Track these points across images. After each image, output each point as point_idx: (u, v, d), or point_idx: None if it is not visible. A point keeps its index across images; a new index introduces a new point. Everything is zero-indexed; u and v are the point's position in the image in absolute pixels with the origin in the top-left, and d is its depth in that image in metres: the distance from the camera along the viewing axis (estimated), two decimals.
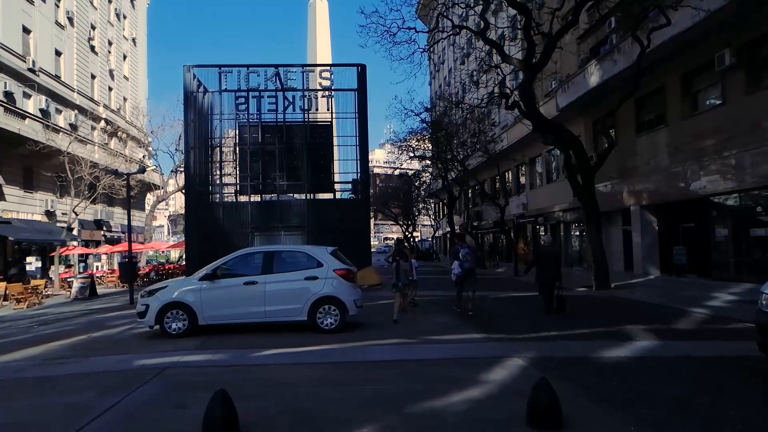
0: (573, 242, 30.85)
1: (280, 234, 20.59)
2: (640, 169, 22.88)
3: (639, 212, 23.14)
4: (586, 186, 19.22)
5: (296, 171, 21.30)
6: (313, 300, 10.24)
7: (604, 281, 18.89)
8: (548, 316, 12.44)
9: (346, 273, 10.46)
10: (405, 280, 12.02)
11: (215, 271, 10.35)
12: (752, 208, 17.39)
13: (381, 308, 14.19)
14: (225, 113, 21.69)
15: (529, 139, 31.84)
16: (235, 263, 10.70)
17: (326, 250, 10.73)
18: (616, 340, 9.32)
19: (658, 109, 21.89)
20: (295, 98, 22.00)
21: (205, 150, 21.15)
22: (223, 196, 21.51)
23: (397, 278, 11.94)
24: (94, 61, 34.88)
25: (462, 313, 12.79)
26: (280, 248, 11.35)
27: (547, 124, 19.55)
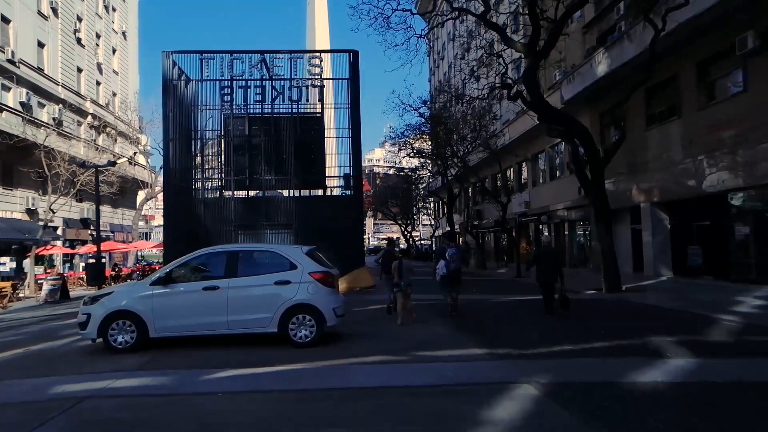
0: (578, 242, 29.18)
1: (266, 232, 18.96)
2: (651, 164, 21.26)
3: (649, 210, 21.53)
4: (595, 180, 17.58)
5: (284, 166, 19.67)
6: (285, 308, 8.61)
7: (615, 284, 17.25)
8: (548, 315, 11.99)
9: (323, 276, 8.82)
10: (408, 279, 11.19)
11: (169, 275, 8.71)
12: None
13: (370, 315, 12.58)
14: (209, 104, 20.05)
15: (531, 134, 30.25)
16: (193, 265, 9.07)
17: (301, 249, 9.09)
18: (644, 356, 7.69)
19: (671, 100, 20.26)
20: (285, 88, 20.37)
21: (187, 142, 19.51)
22: (206, 191, 19.86)
23: (399, 277, 11.13)
24: (80, 54, 33.27)
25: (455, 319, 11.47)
26: (246, 247, 9.69)
27: (554, 114, 17.91)
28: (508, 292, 17.73)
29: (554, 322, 11.36)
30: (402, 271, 11.22)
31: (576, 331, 10.13)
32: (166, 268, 9.04)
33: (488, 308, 13.99)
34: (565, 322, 11.33)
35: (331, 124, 21.39)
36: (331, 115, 21.45)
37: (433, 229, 64.19)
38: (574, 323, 11.12)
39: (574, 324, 11.02)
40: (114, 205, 36.78)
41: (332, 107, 20.88)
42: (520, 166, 35.55)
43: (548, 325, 11.02)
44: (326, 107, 20.76)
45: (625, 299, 15.30)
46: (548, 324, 11.13)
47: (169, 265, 9.15)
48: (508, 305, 14.74)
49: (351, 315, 12.23)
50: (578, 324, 11.05)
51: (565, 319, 11.65)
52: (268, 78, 20.07)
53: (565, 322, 11.33)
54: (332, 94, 21.38)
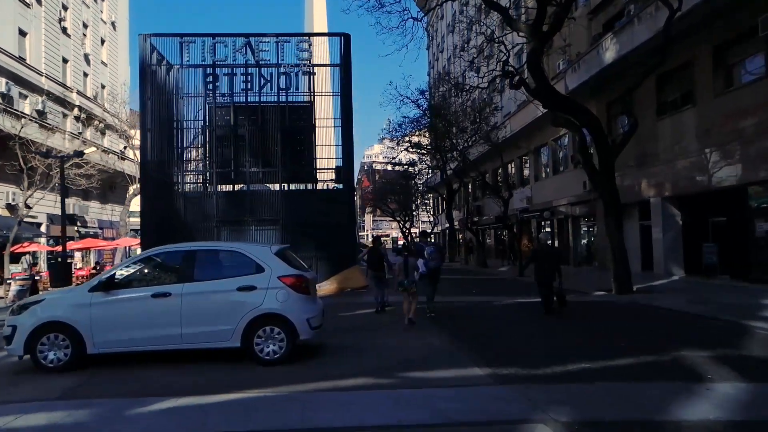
0: (582, 239, 27.70)
1: (250, 229, 17.50)
2: (662, 156, 19.80)
3: (660, 205, 20.08)
4: (604, 173, 16.11)
5: (271, 158, 18.18)
6: (250, 319, 7.15)
7: (626, 284, 15.80)
8: (547, 316, 11.50)
9: (296, 281, 7.34)
10: (413, 277, 10.61)
11: (112, 279, 7.22)
12: None
13: (357, 321, 11.11)
14: (191, 92, 18.55)
15: (533, 127, 28.76)
16: (141, 268, 7.60)
17: (269, 249, 7.60)
18: (680, 379, 6.26)
19: (684, 87, 18.80)
20: (273, 76, 18.85)
21: (167, 133, 18.02)
22: (187, 185, 18.35)
23: (405, 275, 10.54)
24: (66, 44, 31.72)
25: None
26: (205, 246, 8.18)
27: (560, 101, 16.42)
28: (511, 293, 16.29)
29: (563, 329, 9.92)
30: (408, 269, 10.58)
31: (591, 342, 8.68)
32: (109, 270, 7.56)
33: (489, 312, 12.54)
34: (577, 329, 9.89)
35: (322, 114, 19.90)
36: (322, 105, 19.96)
37: (432, 225, 62.66)
38: (588, 332, 9.68)
39: (587, 332, 9.58)
40: (103, 201, 35.33)
41: (323, 95, 19.37)
42: (521, 160, 34.05)
43: (558, 333, 9.58)
44: (316, 95, 19.23)
45: (638, 302, 13.84)
46: (557, 332, 9.68)
47: (112, 267, 7.69)
48: (511, 309, 13.27)
49: (336, 321, 10.80)
50: (592, 333, 9.60)
51: (568, 320, 10.23)
52: (254, 65, 18.55)
53: (576, 329, 9.89)
54: (323, 82, 19.87)
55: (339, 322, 10.81)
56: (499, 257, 37.15)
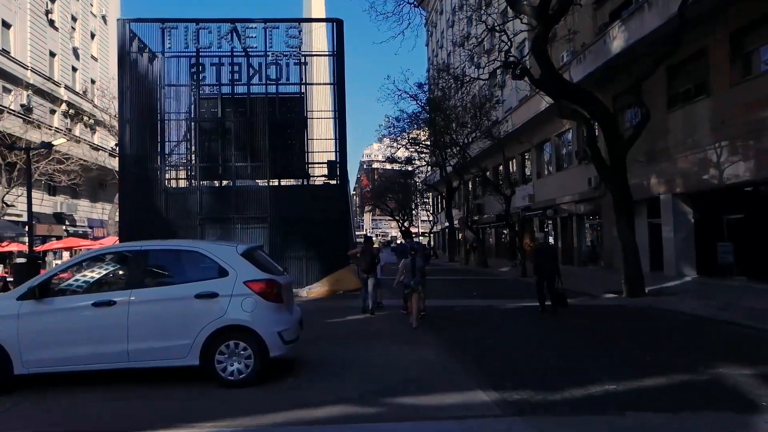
0: (587, 238, 26.49)
1: (236, 227, 16.28)
2: (673, 150, 18.61)
3: (671, 201, 18.90)
4: (615, 167, 14.91)
5: (260, 152, 16.96)
6: (210, 332, 5.94)
7: (638, 286, 14.63)
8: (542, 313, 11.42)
9: (266, 287, 6.13)
10: (419, 278, 10.09)
11: (46, 285, 6.02)
12: None
13: (346, 329, 9.89)
14: (175, 81, 17.30)
15: (536, 122, 27.57)
16: (81, 271, 6.38)
17: (235, 248, 6.38)
18: (730, 407, 5.10)
19: (698, 77, 17.60)
20: (262, 66, 17.62)
21: (149, 125, 16.77)
22: (169, 180, 17.11)
23: (411, 275, 10.00)
24: (53, 38, 30.50)
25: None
26: (158, 246, 6.90)
27: (567, 90, 15.22)
28: (514, 296, 15.08)
29: (576, 338, 8.72)
30: (415, 269, 10.06)
31: (610, 356, 7.48)
32: (41, 275, 6.34)
33: (492, 318, 11.33)
34: (591, 338, 8.69)
35: (315, 106, 18.71)
36: (316, 97, 18.75)
37: (432, 224, 61.46)
38: (604, 342, 8.48)
39: (603, 343, 8.38)
40: (93, 199, 34.14)
41: (315, 84, 18.13)
42: (523, 156, 32.83)
43: (571, 343, 8.38)
44: (308, 84, 17.97)
45: (653, 306, 12.64)
46: (570, 342, 8.48)
47: (47, 271, 6.49)
48: (516, 314, 12.06)
49: (321, 328, 9.61)
50: (609, 343, 8.40)
51: (579, 327, 9.05)
52: (242, 53, 17.30)
53: (590, 338, 8.69)
54: (318, 74, 18.65)
55: (325, 329, 9.62)
56: (499, 257, 35.94)
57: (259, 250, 6.92)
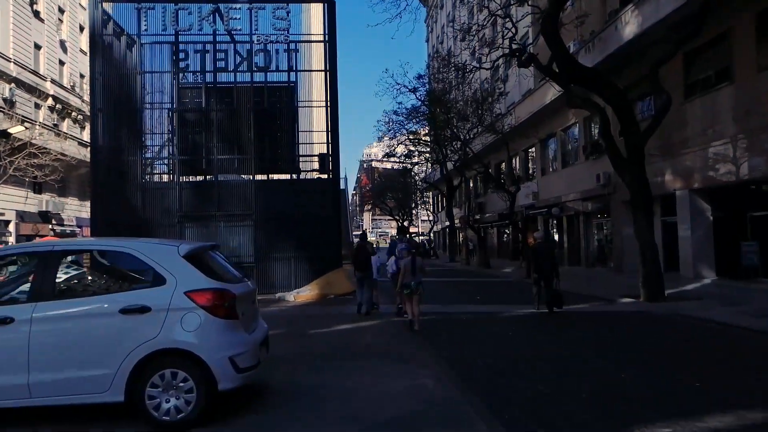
0: (595, 237, 24.99)
1: (218, 224, 14.82)
2: (691, 143, 17.15)
3: (688, 198, 17.46)
4: (633, 159, 13.46)
5: (245, 144, 15.49)
6: (139, 358, 4.47)
7: (657, 290, 13.19)
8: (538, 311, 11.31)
9: (214, 298, 4.65)
10: (419, 278, 9.58)
11: None
12: None
13: (329, 343, 8.37)
14: (154, 68, 15.82)
15: (540, 117, 26.09)
16: None
17: (176, 248, 4.89)
18: None
19: (720, 63, 16.13)
20: (248, 52, 16.16)
21: (127, 115, 15.27)
22: (146, 174, 15.60)
23: (412, 276, 9.46)
24: (39, 29, 29.01)
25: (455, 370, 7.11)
26: (74, 245, 5.38)
27: (581, 74, 13.77)
28: (521, 301, 13.58)
29: (603, 356, 7.23)
30: (415, 269, 9.54)
31: (649, 380, 6.01)
32: None
33: (499, 329, 9.83)
34: (621, 357, 7.20)
35: (306, 96, 17.24)
36: (307, 87, 17.27)
37: (432, 223, 59.97)
38: (637, 362, 6.99)
39: (636, 363, 6.88)
40: (82, 197, 32.60)
41: (305, 71, 16.62)
42: (527, 153, 31.33)
43: (599, 364, 6.89)
44: (300, 71, 16.48)
45: (678, 312, 11.16)
46: (598, 362, 6.99)
47: None
48: (527, 323, 10.56)
49: (302, 342, 8.14)
50: (644, 364, 6.90)
51: (604, 341, 7.57)
52: (227, 38, 15.85)
53: (620, 357, 7.19)
54: (311, 63, 17.18)
55: (306, 343, 8.14)
56: (501, 257, 34.43)
57: (212, 251, 5.44)
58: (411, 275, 9.45)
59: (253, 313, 5.40)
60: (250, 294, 5.37)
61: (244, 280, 5.48)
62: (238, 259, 14.58)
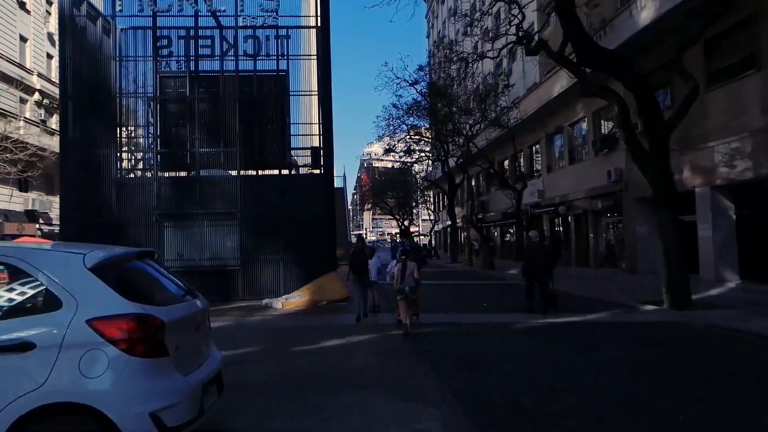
0: (605, 237, 23.53)
1: (201, 223, 13.41)
2: (713, 136, 15.79)
3: (709, 196, 16.11)
4: (656, 151, 12.04)
5: (231, 137, 14.08)
6: (15, 418, 3.07)
7: (683, 296, 11.74)
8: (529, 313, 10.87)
9: (131, 329, 3.24)
10: (412, 283, 9.29)
11: None
12: None
13: (314, 364, 6.89)
14: (132, 54, 14.41)
15: (546, 111, 24.65)
16: None
17: (82, 258, 3.44)
18: None
19: (745, 50, 14.79)
20: (237, 40, 14.82)
21: (101, 105, 13.85)
22: (121, 169, 14.15)
23: (402, 281, 9.20)
24: (25, 21, 27.61)
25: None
26: None
27: (599, 57, 12.33)
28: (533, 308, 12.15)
29: (653, 381, 5.79)
30: (405, 274, 9.22)
31: (719, 420, 4.58)
32: None
33: (513, 345, 8.40)
34: (676, 383, 5.75)
35: (300, 87, 15.83)
36: (300, 77, 15.85)
37: (433, 223, 58.51)
38: (687, 392, 5.54)
39: (687, 394, 5.44)
40: None
41: (295, 58, 15.19)
42: (531, 150, 29.87)
43: (644, 396, 5.44)
44: (289, 59, 15.07)
45: (714, 323, 9.70)
46: (640, 391, 5.54)
47: None
48: (544, 336, 9.11)
49: (280, 365, 6.71)
50: (698, 396, 5.46)
51: (646, 360, 6.12)
52: (212, 20, 14.45)
53: (676, 383, 5.75)
54: (299, 47, 15.78)
55: (284, 367, 6.70)
56: (505, 258, 32.95)
57: (141, 260, 4.01)
58: (401, 280, 9.15)
59: (197, 342, 3.97)
60: (194, 317, 3.93)
61: (188, 297, 4.05)
62: (222, 262, 13.19)
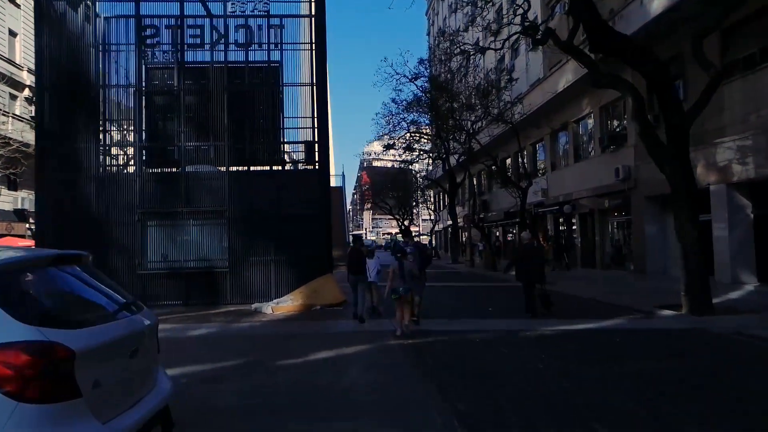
0: (611, 237, 22.60)
1: (186, 222, 12.50)
2: (729, 131, 14.93)
3: (725, 193, 15.25)
4: (676, 145, 11.12)
5: (220, 131, 13.16)
6: None
7: (704, 301, 10.85)
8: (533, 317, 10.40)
9: (21, 363, 2.34)
10: (411, 283, 8.95)
11: None
12: None
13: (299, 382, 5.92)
14: (114, 41, 13.49)
15: (550, 108, 23.75)
16: None
17: None
18: None
19: (765, 39, 13.86)
20: (227, 29, 13.97)
21: (80, 95, 12.92)
22: (102, 164, 13.21)
23: (401, 280, 8.91)
24: (15, 15, 26.71)
25: None
26: None
27: (614, 43, 11.41)
28: (543, 314, 11.23)
29: (687, 413, 4.86)
30: (404, 274, 9.02)
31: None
32: None
33: (526, 357, 7.46)
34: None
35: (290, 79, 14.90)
36: (295, 69, 14.94)
37: (434, 223, 57.57)
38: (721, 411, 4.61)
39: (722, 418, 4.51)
40: None
41: (289, 49, 14.26)
42: (534, 147, 28.94)
43: (688, 425, 4.51)
44: (282, 50, 14.15)
45: (743, 331, 8.77)
46: (682, 419, 4.62)
47: None
48: (558, 346, 8.18)
49: (258, 384, 5.79)
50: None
51: (694, 383, 5.21)
52: (200, 5, 13.55)
53: None
54: (294, 38, 14.86)
55: (264, 387, 5.77)
56: (507, 258, 31.95)
57: (59, 266, 3.09)
58: (401, 279, 8.86)
59: (133, 373, 3.05)
60: (130, 339, 3.01)
61: (124, 313, 3.13)
62: (209, 263, 12.26)
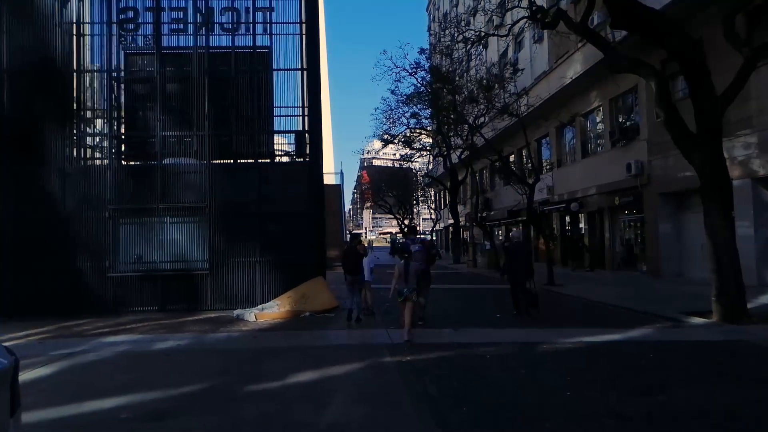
0: (622, 236, 21.31)
1: (163, 220, 11.24)
2: (756, 121, 13.74)
3: (750, 189, 14.09)
4: (705, 132, 9.87)
5: (201, 121, 11.91)
6: None
7: (739, 307, 9.59)
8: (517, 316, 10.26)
9: None
10: (414, 284, 8.32)
11: None
12: None
13: (269, 419, 4.68)
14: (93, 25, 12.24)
15: (556, 101, 22.46)
16: None
17: None
18: None
19: None
20: (213, 10, 12.77)
21: (49, 80, 11.65)
22: (70, 156, 11.90)
23: (405, 282, 8.28)
24: None
25: None
26: None
27: (641, 14, 10.13)
28: (555, 322, 9.96)
29: None
30: (409, 274, 8.37)
31: None
32: None
33: (546, 379, 6.17)
34: None
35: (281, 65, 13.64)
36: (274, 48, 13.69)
37: (435, 222, 56.29)
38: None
39: None
40: None
41: (279, 32, 12.95)
42: (539, 143, 27.65)
43: None
44: (272, 33, 12.87)
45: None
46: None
47: None
48: (581, 363, 6.90)
49: (219, 422, 4.51)
50: None
51: None
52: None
53: None
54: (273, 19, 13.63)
55: (225, 420, 4.51)
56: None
57: None
58: (405, 281, 8.31)
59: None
60: None
61: None
62: (188, 265, 11.01)
